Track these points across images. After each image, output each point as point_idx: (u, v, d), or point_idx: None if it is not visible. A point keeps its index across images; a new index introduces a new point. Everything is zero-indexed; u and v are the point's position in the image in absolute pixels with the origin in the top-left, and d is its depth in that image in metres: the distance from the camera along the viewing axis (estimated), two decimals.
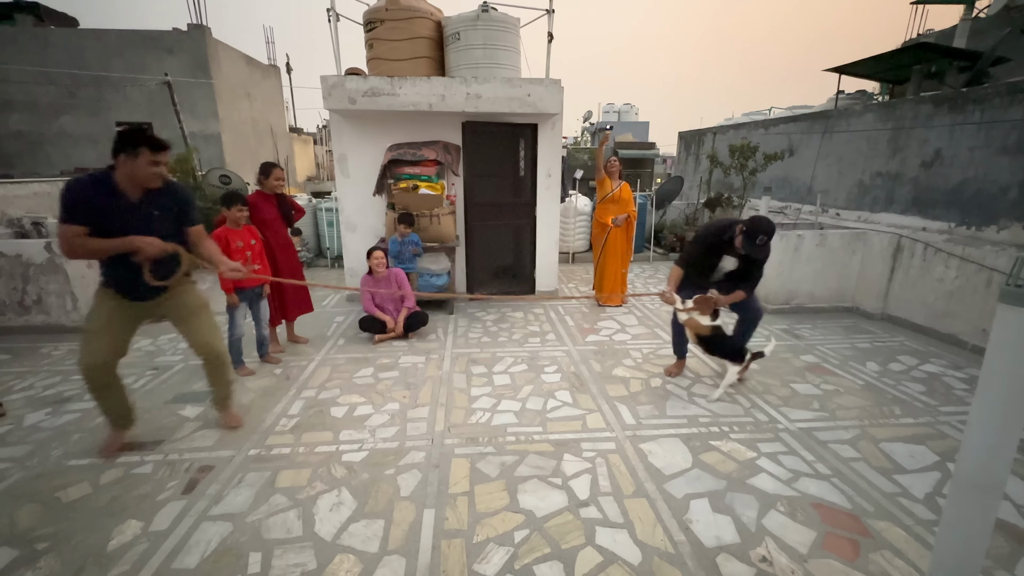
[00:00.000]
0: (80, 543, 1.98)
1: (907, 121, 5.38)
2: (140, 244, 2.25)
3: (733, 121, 15.21)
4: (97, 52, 10.61)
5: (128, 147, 2.17)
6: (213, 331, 2.65)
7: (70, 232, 2.16)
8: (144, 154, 2.18)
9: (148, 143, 2.19)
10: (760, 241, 2.91)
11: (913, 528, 2.08)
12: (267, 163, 3.82)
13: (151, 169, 2.23)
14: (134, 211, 2.27)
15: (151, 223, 2.31)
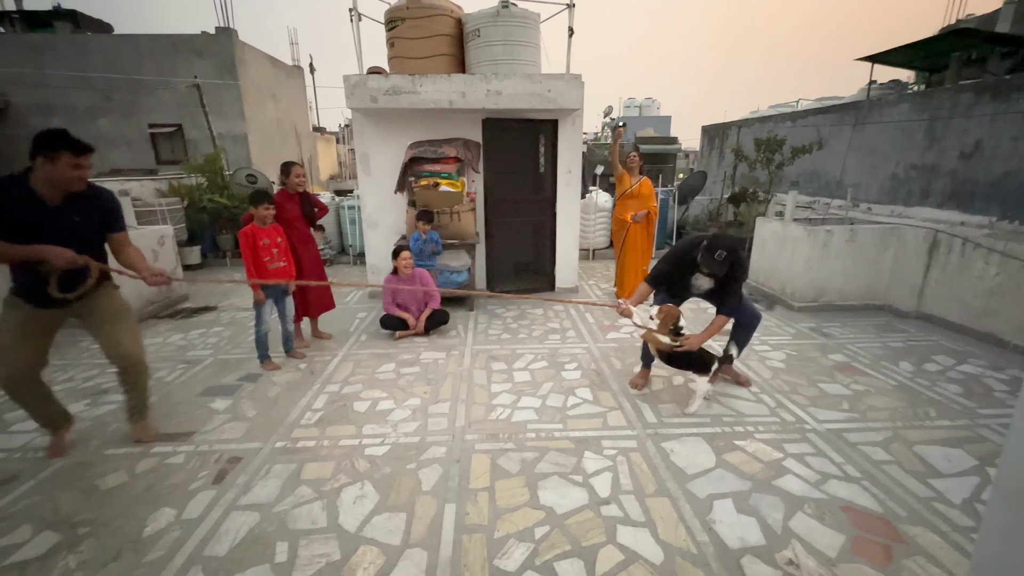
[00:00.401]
0: (118, 529, 2.06)
1: (945, 111, 5.16)
2: (49, 254, 2.14)
3: (759, 114, 14.82)
4: (130, 57, 10.97)
5: (46, 150, 2.07)
6: (131, 337, 2.52)
7: None
8: (64, 157, 2.09)
9: (69, 145, 2.09)
10: (719, 256, 2.73)
11: (950, 535, 2.00)
12: (287, 162, 3.89)
13: (72, 172, 2.13)
14: (53, 216, 2.17)
15: (71, 229, 2.22)
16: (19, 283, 2.29)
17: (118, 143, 11.49)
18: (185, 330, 4.55)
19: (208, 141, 10.50)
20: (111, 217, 2.39)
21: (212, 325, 4.69)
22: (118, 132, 11.42)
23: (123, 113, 11.29)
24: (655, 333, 2.97)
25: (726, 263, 2.76)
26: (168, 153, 11.60)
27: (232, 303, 5.39)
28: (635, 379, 3.38)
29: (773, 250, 5.38)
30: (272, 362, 3.68)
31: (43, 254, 2.15)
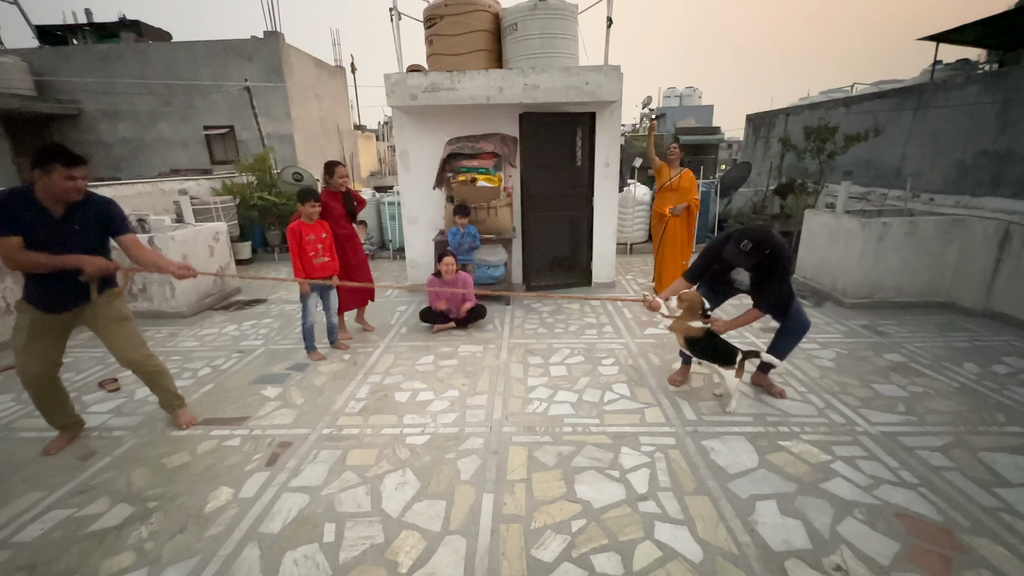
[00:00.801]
0: (183, 504, 2.23)
1: (1022, 91, 4.74)
2: (86, 263, 2.30)
3: (809, 100, 14.09)
4: (187, 62, 11.64)
5: (40, 164, 2.15)
6: (132, 343, 2.63)
7: (11, 244, 2.19)
8: (57, 170, 2.17)
9: (61, 159, 2.17)
10: (744, 247, 2.59)
11: (1018, 548, 1.87)
12: (331, 162, 4.03)
13: (66, 184, 2.20)
14: (58, 227, 2.28)
15: (73, 238, 2.32)
16: (29, 291, 2.40)
17: (176, 145, 12.22)
18: (239, 321, 4.82)
19: (257, 141, 11.01)
20: (111, 223, 2.45)
21: (263, 317, 4.94)
22: (176, 134, 12.15)
23: (181, 116, 11.99)
24: (682, 321, 2.91)
25: (752, 255, 2.61)
26: (221, 153, 12.24)
27: (280, 296, 5.66)
28: (674, 376, 3.33)
29: (823, 244, 5.12)
30: (318, 353, 3.85)
31: (78, 263, 2.30)
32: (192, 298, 5.04)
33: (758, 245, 2.60)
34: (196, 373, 3.63)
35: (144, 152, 12.21)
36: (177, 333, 4.51)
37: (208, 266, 5.36)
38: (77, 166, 2.23)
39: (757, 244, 2.59)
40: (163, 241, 4.74)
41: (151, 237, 4.75)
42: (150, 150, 12.23)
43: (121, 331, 2.60)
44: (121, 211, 2.52)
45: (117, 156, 12.26)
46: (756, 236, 2.61)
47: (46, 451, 2.65)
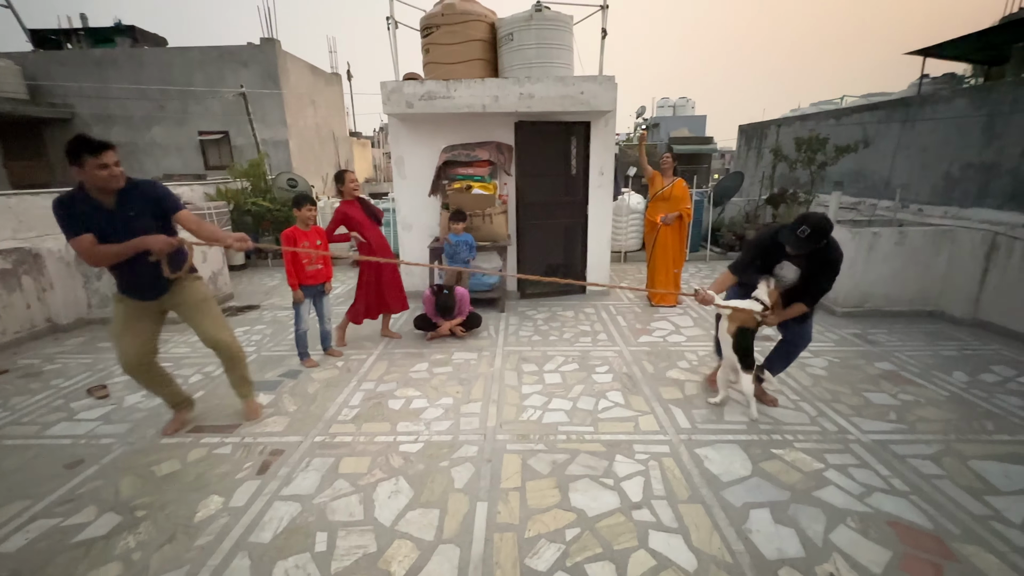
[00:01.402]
0: (172, 513, 2.19)
1: (1006, 106, 4.85)
2: (151, 243, 2.38)
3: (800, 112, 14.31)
4: (182, 68, 11.63)
5: (73, 159, 2.19)
6: (217, 323, 2.75)
7: (84, 243, 2.28)
8: (88, 161, 2.19)
9: (87, 149, 2.19)
10: (801, 232, 2.49)
11: (1008, 555, 1.89)
12: (341, 171, 3.97)
13: (100, 172, 2.22)
14: (113, 217, 2.34)
15: (129, 224, 2.37)
16: (120, 283, 2.54)
17: (170, 150, 12.18)
18: (231, 327, 4.78)
19: (252, 147, 11.00)
20: (162, 202, 2.48)
21: (255, 323, 4.90)
22: (171, 139, 12.11)
23: (176, 122, 11.96)
24: (746, 312, 2.82)
25: (810, 241, 2.50)
26: (216, 159, 12.21)
27: (273, 302, 5.62)
28: (713, 375, 3.33)
29: None
30: (312, 359, 3.83)
31: (144, 244, 2.38)
32: None
33: (817, 231, 2.48)
34: (187, 380, 3.59)
35: (137, 157, 12.15)
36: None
37: (202, 272, 5.29)
38: (104, 152, 2.23)
39: (816, 230, 2.48)
40: None
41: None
42: (143, 155, 12.17)
43: (206, 312, 2.72)
44: (167, 189, 2.54)
45: None
46: (815, 222, 2.49)
47: (164, 432, 2.83)
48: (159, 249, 2.41)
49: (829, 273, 2.68)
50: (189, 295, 2.68)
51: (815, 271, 2.69)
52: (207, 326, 2.72)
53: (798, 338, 2.97)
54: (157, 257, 2.45)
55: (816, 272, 2.69)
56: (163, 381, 2.81)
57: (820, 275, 2.69)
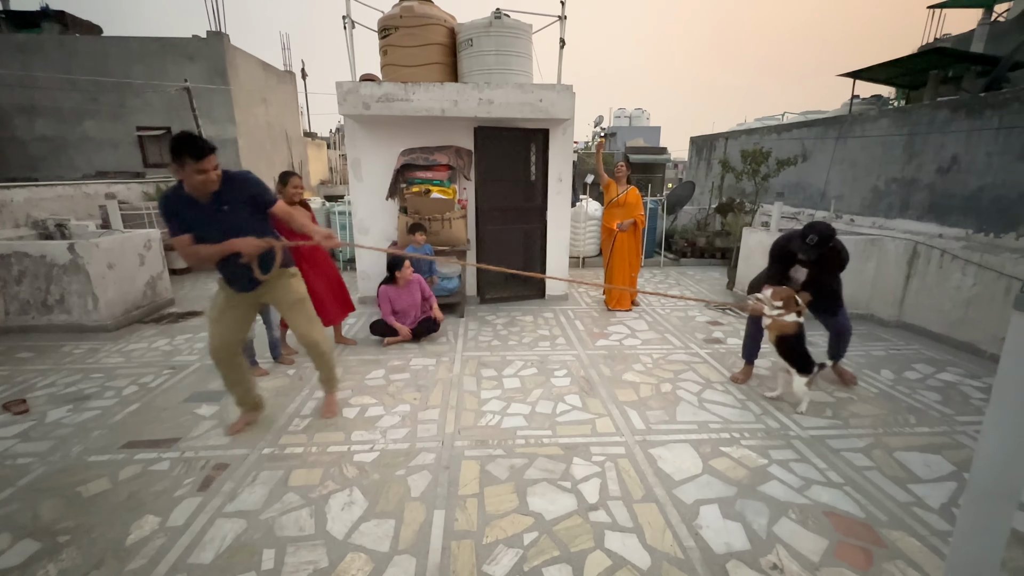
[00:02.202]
0: (100, 536, 2.03)
1: (923, 126, 5.32)
2: (240, 246, 2.42)
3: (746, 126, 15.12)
4: (119, 59, 10.88)
5: (175, 158, 2.22)
6: (310, 322, 2.83)
7: (182, 243, 2.36)
8: (188, 165, 2.22)
9: (189, 152, 2.20)
10: (810, 240, 2.95)
11: (928, 539, 2.05)
12: (285, 172, 3.83)
13: (197, 178, 2.26)
14: (209, 214, 2.39)
15: (226, 219, 2.42)
16: (223, 274, 2.62)
17: (104, 145, 11.35)
18: (171, 335, 4.50)
19: None
20: (258, 195, 2.51)
21: (199, 330, 4.63)
22: (105, 134, 11.29)
23: (110, 115, 11.16)
24: (779, 319, 3.08)
25: (818, 246, 2.95)
26: (156, 156, 11.48)
27: None
28: (738, 374, 3.59)
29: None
30: (260, 368, 3.66)
31: (234, 247, 2.41)
32: (118, 310, 4.66)
33: (823, 237, 2.94)
34: (120, 392, 3.34)
35: (66, 152, 11.24)
36: (99, 349, 4.14)
37: (138, 277, 4.98)
38: (205, 158, 2.24)
39: (822, 237, 2.94)
40: (86, 249, 4.36)
41: (72, 244, 4.36)
42: (73, 150, 11.27)
43: (302, 311, 2.80)
44: (261, 184, 2.56)
45: (34, 155, 11.22)
46: (820, 230, 2.95)
47: (230, 430, 2.83)
48: (248, 252, 2.46)
49: (836, 268, 3.18)
50: (285, 292, 2.75)
51: (824, 269, 3.16)
52: (302, 325, 2.80)
53: (842, 329, 3.42)
54: (247, 260, 2.49)
55: (824, 270, 3.16)
56: (241, 376, 2.82)
57: (827, 273, 3.17)
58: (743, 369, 3.61)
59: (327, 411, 3.04)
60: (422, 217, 4.75)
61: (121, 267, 4.75)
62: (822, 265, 3.13)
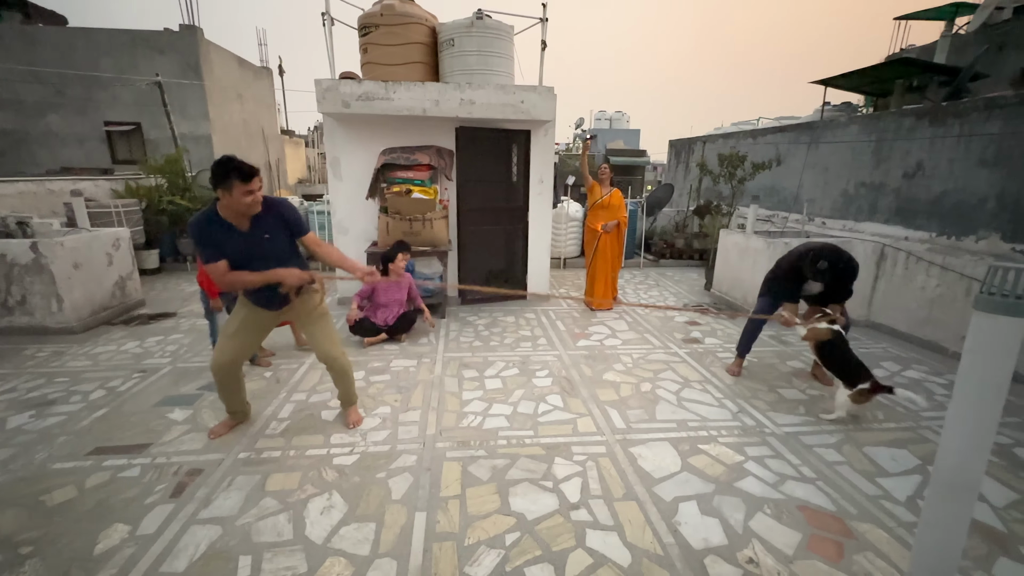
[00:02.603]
0: (65, 547, 1.95)
1: (890, 133, 5.52)
2: (284, 276, 2.43)
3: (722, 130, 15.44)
4: (86, 51, 10.48)
5: (222, 181, 2.21)
6: (332, 340, 2.78)
7: (218, 270, 2.33)
8: (236, 187, 2.21)
9: (237, 174, 2.21)
10: (820, 266, 3.13)
11: (895, 530, 2.13)
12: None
13: (246, 200, 2.26)
14: (248, 241, 2.38)
15: (265, 247, 2.42)
16: (252, 295, 2.59)
17: (69, 140, 10.93)
18: (141, 337, 4.36)
19: (169, 141, 10.12)
20: (294, 224, 2.53)
21: (171, 332, 4.50)
22: (70, 129, 10.87)
23: (76, 109, 10.76)
24: (812, 328, 3.18)
25: (828, 271, 3.14)
26: (125, 152, 11.12)
27: (192, 309, 5.19)
28: (731, 367, 3.78)
29: (735, 261, 5.60)
30: (266, 350, 3.57)
31: (278, 277, 2.43)
32: (84, 312, 4.49)
33: (831, 262, 3.15)
34: (87, 396, 3.22)
35: (28, 146, 10.78)
36: (64, 352, 3.98)
37: (106, 277, 4.81)
38: (253, 179, 2.26)
39: (831, 262, 3.14)
40: (50, 247, 4.19)
41: (35, 243, 4.18)
42: (36, 144, 10.82)
43: (323, 328, 2.77)
44: (296, 210, 2.56)
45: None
46: (829, 256, 3.14)
47: (211, 434, 2.75)
48: (291, 284, 2.47)
49: (849, 279, 3.30)
50: (310, 309, 2.72)
51: (838, 287, 3.31)
52: (322, 341, 2.74)
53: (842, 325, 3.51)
54: (287, 290, 2.51)
55: (838, 287, 3.31)
56: (239, 386, 2.78)
57: (845, 282, 3.29)
58: (735, 361, 3.79)
59: (354, 422, 2.93)
60: (403, 217, 4.71)
61: (88, 267, 4.58)
62: (836, 282, 3.26)
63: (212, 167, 2.22)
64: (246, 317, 2.62)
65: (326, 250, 2.62)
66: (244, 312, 2.63)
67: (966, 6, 10.78)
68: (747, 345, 3.75)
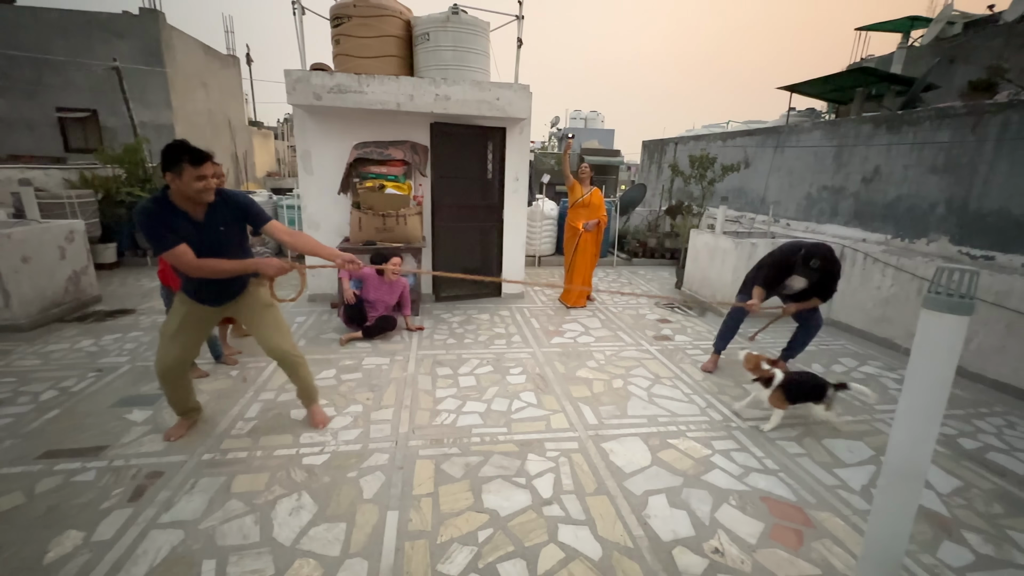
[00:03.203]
0: (12, 556, 1.85)
1: (850, 139, 5.77)
2: (263, 267, 2.34)
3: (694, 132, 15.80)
4: (35, 32, 9.89)
5: (171, 165, 2.11)
6: (278, 330, 2.63)
7: (184, 255, 2.17)
8: (187, 171, 2.11)
9: (190, 158, 2.11)
10: (813, 264, 3.22)
11: (850, 518, 2.24)
12: None
13: (197, 185, 2.15)
14: (202, 230, 2.26)
15: (220, 238, 2.31)
16: (186, 285, 2.44)
17: (17, 126, 10.32)
18: (97, 335, 4.15)
19: (128, 130, 9.66)
20: (251, 216, 2.42)
21: (129, 329, 4.31)
22: (17, 114, 10.25)
23: (24, 94, 10.15)
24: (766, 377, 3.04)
25: (820, 269, 3.24)
26: (80, 141, 10.57)
27: (152, 306, 4.98)
28: (707, 363, 3.88)
29: (705, 260, 5.75)
30: (199, 369, 3.45)
31: (258, 267, 2.34)
32: (33, 308, 4.25)
33: (824, 261, 3.24)
34: (37, 397, 3.05)
35: None
36: (11, 350, 3.76)
37: (59, 271, 4.56)
38: (205, 163, 2.16)
39: (824, 260, 3.24)
40: None
41: None
42: None
43: (269, 319, 2.62)
44: (254, 202, 2.44)
45: None
46: (822, 254, 3.24)
47: (167, 436, 2.63)
48: (270, 275, 2.37)
49: (834, 283, 3.42)
50: (253, 300, 2.59)
51: (825, 285, 3.40)
52: (268, 333, 2.60)
53: (813, 325, 3.67)
54: (264, 280, 2.43)
55: (825, 286, 3.40)
56: (186, 388, 2.66)
57: (827, 287, 3.41)
58: (711, 358, 3.90)
59: (321, 421, 2.83)
60: (376, 213, 4.64)
61: (38, 261, 4.33)
62: (823, 280, 3.36)
63: (162, 151, 2.12)
64: (187, 315, 2.47)
65: (297, 238, 2.47)
66: (184, 310, 2.47)
67: (921, 20, 11.35)
68: (723, 342, 3.87)
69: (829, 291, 3.45)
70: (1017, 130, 4.08)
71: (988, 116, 4.31)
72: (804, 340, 3.75)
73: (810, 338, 3.74)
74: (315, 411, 2.86)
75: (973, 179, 4.39)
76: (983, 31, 8.87)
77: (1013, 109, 4.14)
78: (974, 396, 3.58)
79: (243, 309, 2.59)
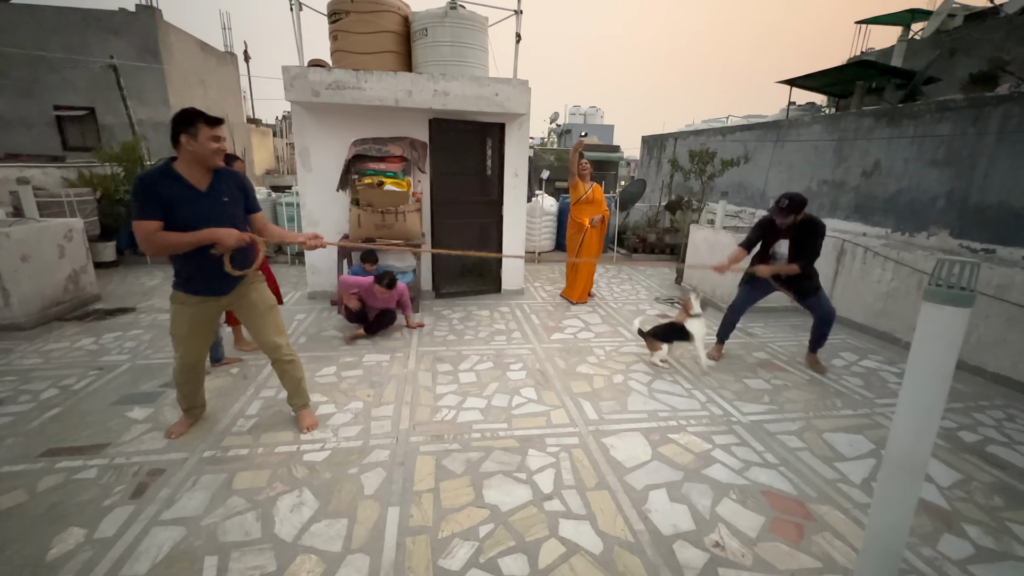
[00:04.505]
0: (15, 553, 1.85)
1: (850, 133, 5.75)
2: (221, 235, 2.24)
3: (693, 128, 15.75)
4: (31, 30, 9.85)
5: (186, 126, 2.13)
6: (277, 329, 2.65)
7: (146, 228, 2.13)
8: (203, 131, 2.14)
9: (203, 119, 2.16)
10: (781, 204, 3.30)
11: (851, 511, 2.24)
12: None
13: (212, 145, 2.19)
14: (205, 200, 2.25)
15: (224, 210, 2.30)
16: (181, 276, 2.39)
17: (14, 125, 10.29)
18: (97, 333, 4.15)
19: (126, 127, 9.64)
20: (249, 197, 2.45)
21: (130, 328, 4.31)
22: (15, 112, 10.23)
23: (21, 92, 10.12)
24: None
25: (788, 209, 3.28)
26: (78, 139, 10.54)
27: (152, 304, 4.98)
28: (712, 352, 3.97)
29: (705, 255, 5.74)
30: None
31: (214, 236, 2.24)
32: (33, 307, 4.25)
33: (792, 202, 3.28)
34: (37, 396, 3.05)
35: None
36: (12, 349, 3.76)
37: (58, 270, 4.55)
38: (220, 124, 2.21)
39: (792, 202, 3.28)
40: None
41: None
42: None
43: (269, 317, 2.63)
44: (252, 185, 2.48)
45: None
46: (790, 196, 3.30)
47: (168, 434, 2.64)
48: (229, 244, 2.28)
49: (816, 238, 3.41)
50: (254, 297, 2.58)
51: (805, 240, 3.42)
52: (268, 331, 2.61)
53: (826, 316, 3.68)
54: (220, 251, 2.29)
55: (805, 241, 3.42)
56: (201, 382, 2.70)
57: (810, 241, 3.42)
58: (715, 347, 4.02)
59: (309, 426, 2.76)
60: (375, 209, 4.63)
61: (37, 259, 4.33)
62: (801, 233, 3.41)
63: (174, 117, 2.13)
64: (193, 316, 2.45)
65: (271, 230, 2.58)
66: (189, 312, 2.44)
67: (922, 12, 11.29)
68: (726, 332, 3.99)
69: (809, 250, 3.43)
70: (1018, 123, 4.07)
71: (989, 109, 4.29)
72: (819, 332, 3.77)
73: (824, 328, 3.75)
74: (304, 415, 2.80)
75: (974, 172, 4.38)
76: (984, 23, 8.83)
77: (1014, 101, 4.12)
78: (974, 389, 3.58)
79: (245, 306, 2.57)
